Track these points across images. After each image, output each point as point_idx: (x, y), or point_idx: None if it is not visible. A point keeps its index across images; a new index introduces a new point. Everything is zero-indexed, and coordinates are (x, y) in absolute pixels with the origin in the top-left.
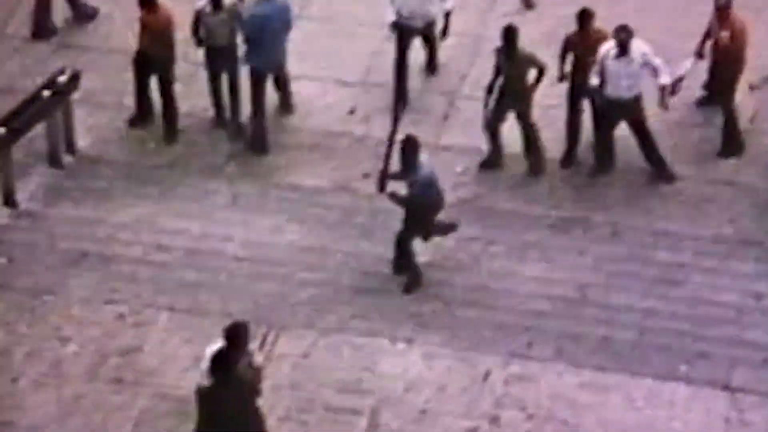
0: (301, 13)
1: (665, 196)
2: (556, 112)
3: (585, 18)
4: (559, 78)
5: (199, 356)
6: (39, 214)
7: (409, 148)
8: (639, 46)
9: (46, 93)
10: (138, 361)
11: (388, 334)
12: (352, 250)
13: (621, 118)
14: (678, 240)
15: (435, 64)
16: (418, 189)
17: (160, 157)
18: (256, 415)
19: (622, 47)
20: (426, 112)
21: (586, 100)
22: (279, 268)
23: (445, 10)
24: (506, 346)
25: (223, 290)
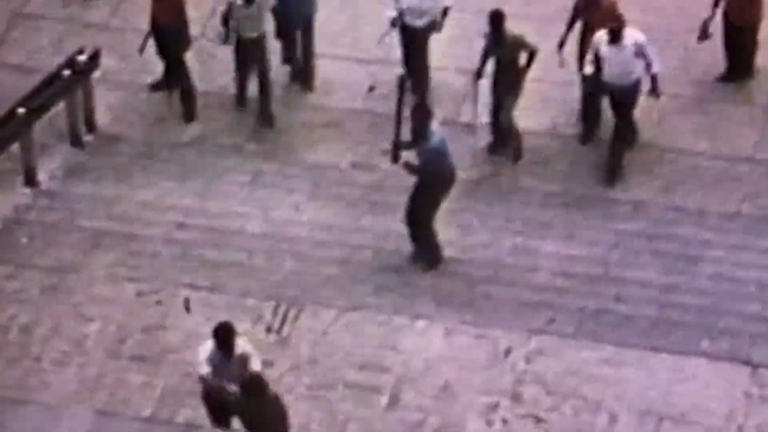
0: None
1: (685, 173)
2: (573, 88)
3: None
4: (560, 45)
5: None
6: (60, 192)
7: (420, 116)
8: (632, 34)
9: (66, 72)
10: (160, 339)
11: (408, 312)
12: (372, 228)
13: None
14: (698, 216)
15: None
16: (429, 157)
17: (180, 135)
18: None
19: (614, 35)
20: (445, 88)
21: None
22: (299, 246)
23: (444, 6)
24: (527, 323)
25: (243, 268)
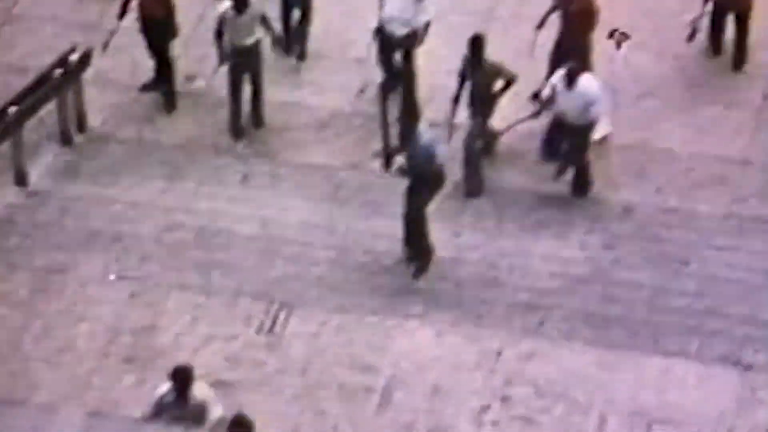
0: None
1: (676, 174)
2: None
3: None
4: (539, 26)
5: (211, 335)
6: (50, 192)
7: (407, 118)
8: (588, 84)
9: (57, 72)
10: (150, 340)
11: (400, 313)
12: (364, 229)
13: (567, 138)
14: (689, 218)
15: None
16: (419, 159)
17: (172, 135)
18: None
19: (569, 78)
20: (436, 90)
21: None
22: (290, 246)
23: (426, 20)
24: (518, 324)
25: (234, 269)
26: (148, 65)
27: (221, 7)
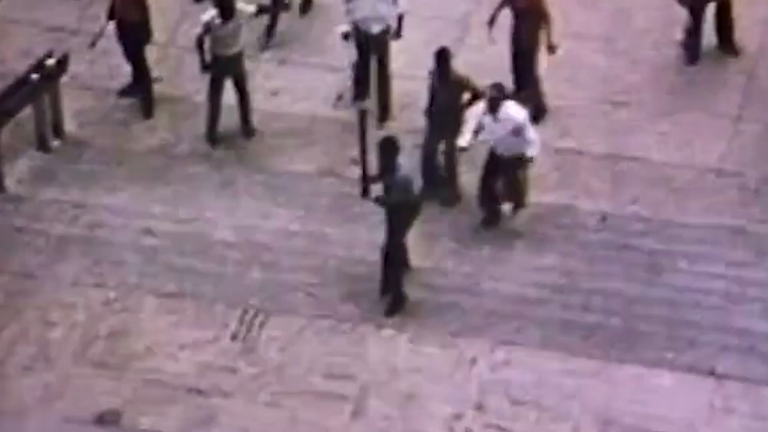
0: None
1: (652, 184)
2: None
3: None
4: (490, 21)
5: (186, 342)
6: (26, 197)
7: (387, 149)
8: (513, 111)
9: (34, 76)
10: (125, 346)
11: (375, 320)
12: (340, 236)
13: (501, 172)
14: (665, 227)
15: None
16: (397, 190)
17: (148, 141)
18: None
19: (491, 105)
20: (411, 96)
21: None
22: (266, 253)
23: (398, 13)
24: (493, 333)
25: (210, 275)
26: (126, 70)
27: (207, 15)
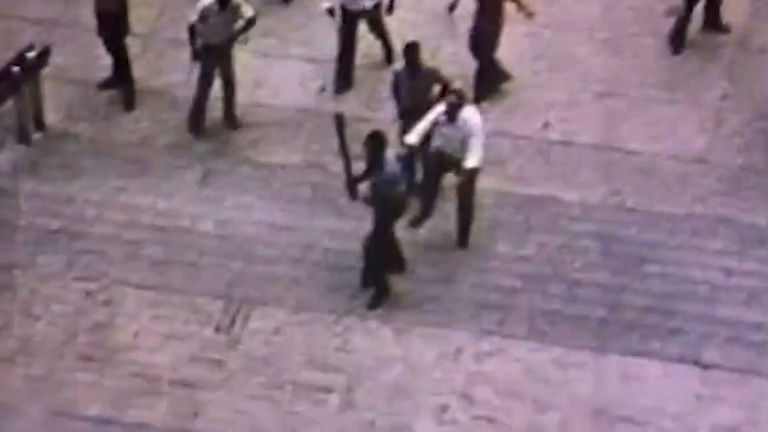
0: None
1: (636, 174)
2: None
3: None
4: (450, 8)
5: (169, 335)
6: (7, 190)
7: (374, 143)
8: (469, 115)
9: (15, 69)
10: (107, 339)
11: (359, 312)
12: (324, 227)
13: (449, 171)
14: (649, 217)
15: (391, 55)
16: (383, 186)
17: (130, 133)
18: None
19: (450, 112)
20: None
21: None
22: (250, 245)
23: None
24: (478, 324)
25: (193, 268)
26: (107, 62)
27: (203, 3)
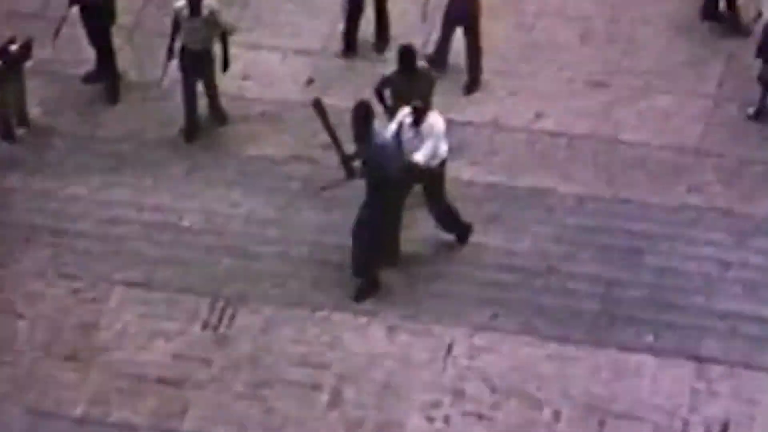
0: None
1: (630, 165)
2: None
3: None
4: (423, 18)
5: (155, 332)
6: None
7: (359, 115)
8: (434, 121)
9: None
10: (92, 337)
11: (349, 308)
12: (312, 222)
13: (416, 183)
14: (644, 209)
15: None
16: (374, 158)
17: (115, 128)
18: None
19: (415, 116)
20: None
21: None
22: (237, 240)
23: None
24: (470, 319)
25: (179, 264)
26: (91, 56)
27: (178, 4)
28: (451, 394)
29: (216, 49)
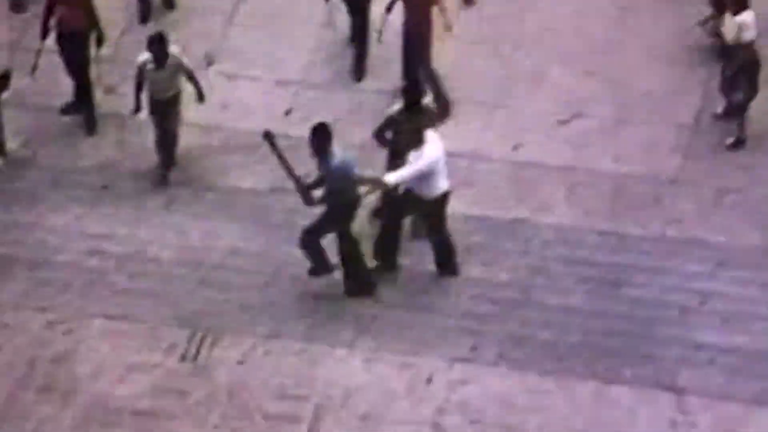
0: (239, 9)
1: (609, 196)
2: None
3: None
4: (387, 10)
5: (133, 364)
6: None
7: (318, 137)
8: (426, 150)
9: None
10: (69, 370)
11: (328, 339)
12: (290, 254)
13: (414, 212)
14: (622, 240)
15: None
16: (333, 181)
17: (92, 159)
18: None
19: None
20: (368, 107)
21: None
22: (215, 272)
23: None
24: (449, 350)
25: (157, 296)
26: (68, 87)
27: (141, 57)
28: (431, 427)
29: (186, 88)
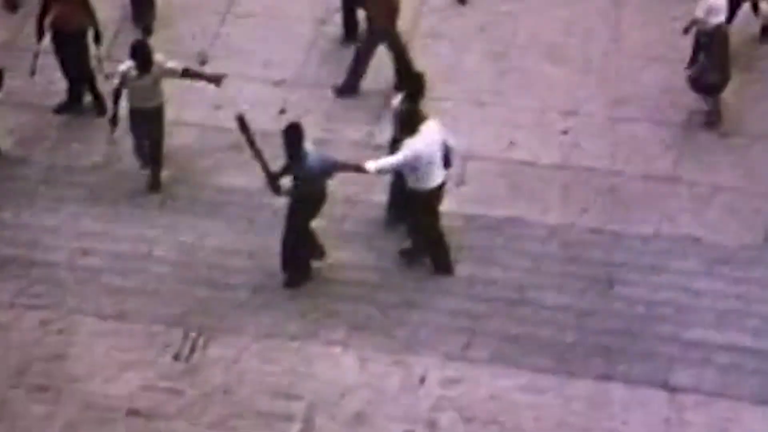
0: (232, 9)
1: (602, 193)
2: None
3: None
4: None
5: (126, 364)
6: None
7: (291, 136)
8: (412, 141)
9: None
10: (62, 369)
11: (322, 338)
12: None
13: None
14: (616, 238)
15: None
16: (306, 180)
17: (86, 158)
18: None
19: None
20: (360, 107)
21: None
22: (209, 271)
23: None
24: (443, 349)
25: (151, 295)
26: (62, 86)
27: (123, 66)
28: (425, 425)
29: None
